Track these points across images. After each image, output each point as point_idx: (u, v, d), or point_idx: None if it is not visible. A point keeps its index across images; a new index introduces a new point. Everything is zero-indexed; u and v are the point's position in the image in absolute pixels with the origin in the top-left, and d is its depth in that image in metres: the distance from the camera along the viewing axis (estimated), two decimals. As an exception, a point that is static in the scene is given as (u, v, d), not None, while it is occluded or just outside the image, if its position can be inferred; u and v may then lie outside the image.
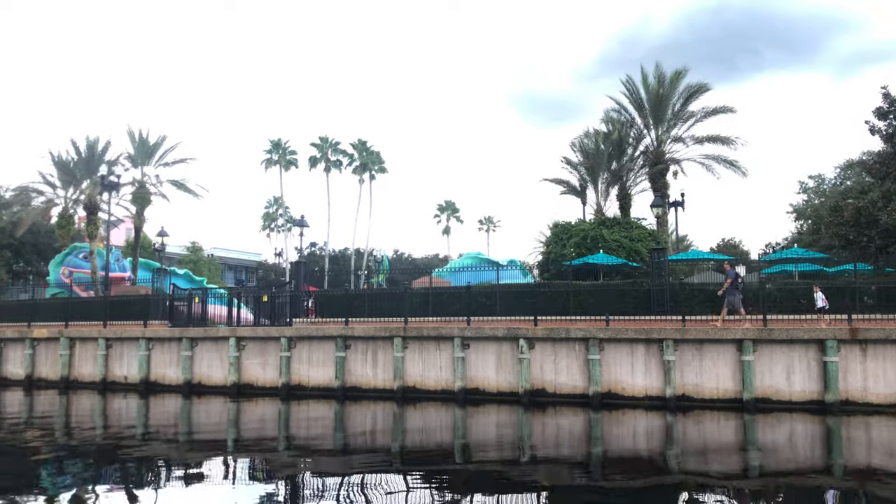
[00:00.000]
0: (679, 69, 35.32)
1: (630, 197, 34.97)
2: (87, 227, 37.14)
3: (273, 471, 13.03)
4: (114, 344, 25.08)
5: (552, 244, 30.90)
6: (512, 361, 19.99)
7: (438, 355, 20.79)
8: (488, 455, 14.32)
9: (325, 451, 14.86)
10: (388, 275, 62.96)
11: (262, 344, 22.85)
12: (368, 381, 21.49)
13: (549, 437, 16.66)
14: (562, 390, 19.54)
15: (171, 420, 19.66)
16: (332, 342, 21.86)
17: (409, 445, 15.53)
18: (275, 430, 18.03)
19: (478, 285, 28.37)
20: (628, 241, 28.70)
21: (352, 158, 63.89)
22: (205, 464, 13.71)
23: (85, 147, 37.32)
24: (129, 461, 14.04)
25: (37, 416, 21.72)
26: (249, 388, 22.80)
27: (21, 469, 13.71)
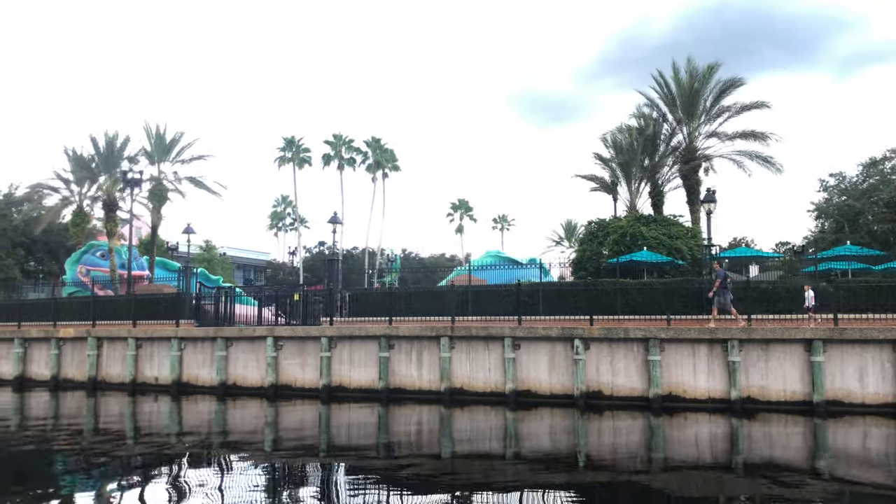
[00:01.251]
0: (712, 63, 34.55)
1: (663, 194, 34.19)
2: (107, 225, 36.37)
3: (313, 478, 12.40)
4: (143, 344, 24.31)
5: (587, 242, 30.13)
6: (566, 362, 19.24)
7: (487, 356, 20.03)
8: (542, 462, 13.52)
9: (368, 457, 14.11)
10: (399, 274, 62.30)
11: (300, 344, 22.09)
12: (413, 382, 20.74)
13: (606, 443, 15.84)
14: (619, 392, 18.80)
15: (207, 424, 18.93)
16: (375, 342, 21.10)
17: (459, 451, 14.78)
18: (315, 433, 17.31)
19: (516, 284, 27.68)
20: (667, 239, 27.95)
21: (365, 156, 63.15)
22: (244, 470, 13.07)
23: (104, 143, 36.50)
24: (164, 466, 13.43)
25: (64, 418, 20.96)
26: (287, 390, 22.04)
27: (49, 474, 13.04)
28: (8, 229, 44.68)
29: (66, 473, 13.04)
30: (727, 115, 34.23)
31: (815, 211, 57.02)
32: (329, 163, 62.85)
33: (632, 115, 36.84)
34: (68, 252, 49.09)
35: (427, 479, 12.01)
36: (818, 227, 57.21)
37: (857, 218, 47.87)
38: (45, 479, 12.61)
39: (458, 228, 72.72)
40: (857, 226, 47.33)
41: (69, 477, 12.73)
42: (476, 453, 14.54)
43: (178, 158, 42.24)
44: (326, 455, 14.32)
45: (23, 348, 26.33)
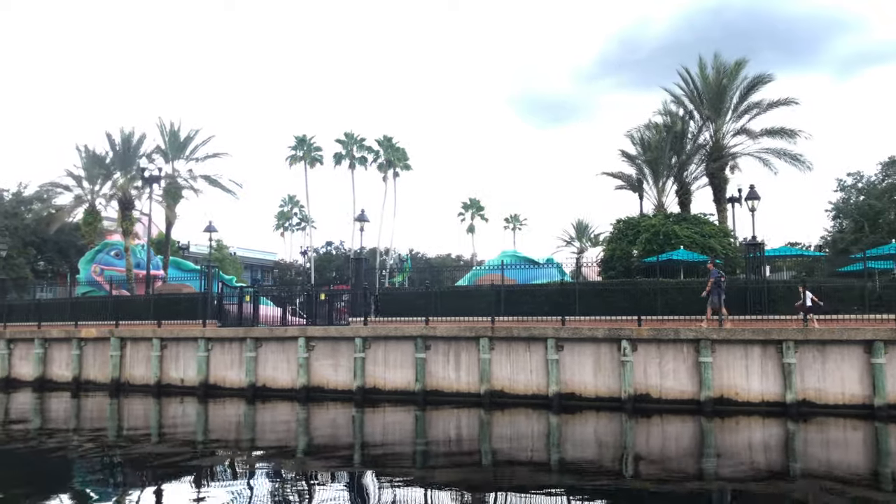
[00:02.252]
0: (739, 59, 34.04)
1: (690, 192, 33.63)
2: (122, 223, 35.72)
3: (347, 486, 11.87)
4: (168, 344, 23.68)
5: (616, 241, 29.52)
6: (612, 364, 18.62)
7: (528, 357, 19.41)
8: (589, 469, 12.92)
9: (404, 463, 13.53)
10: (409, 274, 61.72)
11: (333, 344, 21.46)
12: (451, 384, 20.12)
13: (655, 448, 15.25)
14: (668, 395, 18.17)
15: (236, 427, 18.34)
16: (411, 342, 20.49)
17: (500, 457, 14.16)
18: (349, 437, 16.71)
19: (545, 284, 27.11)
20: (700, 238, 27.36)
21: (377, 155, 62.53)
22: (275, 477, 12.52)
23: (120, 140, 35.87)
24: (191, 473, 12.90)
25: (87, 420, 20.35)
26: (319, 392, 21.42)
27: (70, 480, 12.51)
28: (19, 228, 44.03)
29: (89, 480, 12.50)
30: (755, 111, 33.68)
31: (834, 210, 56.42)
32: (340, 162, 62.23)
33: (655, 112, 36.35)
34: (79, 251, 48.43)
35: (468, 487, 11.48)
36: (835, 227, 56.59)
37: (878, 217, 47.24)
38: (66, 486, 12.14)
39: (469, 228, 72.07)
40: (877, 225, 46.70)
41: (91, 484, 12.18)
42: (518, 460, 13.95)
43: (192, 156, 41.70)
44: (361, 461, 13.78)
45: (43, 349, 25.70)
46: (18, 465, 14.06)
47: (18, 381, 26.19)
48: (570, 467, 13.20)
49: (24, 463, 14.22)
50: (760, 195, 24.96)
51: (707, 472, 12.80)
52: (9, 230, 42.84)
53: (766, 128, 32.89)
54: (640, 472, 12.79)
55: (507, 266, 32.07)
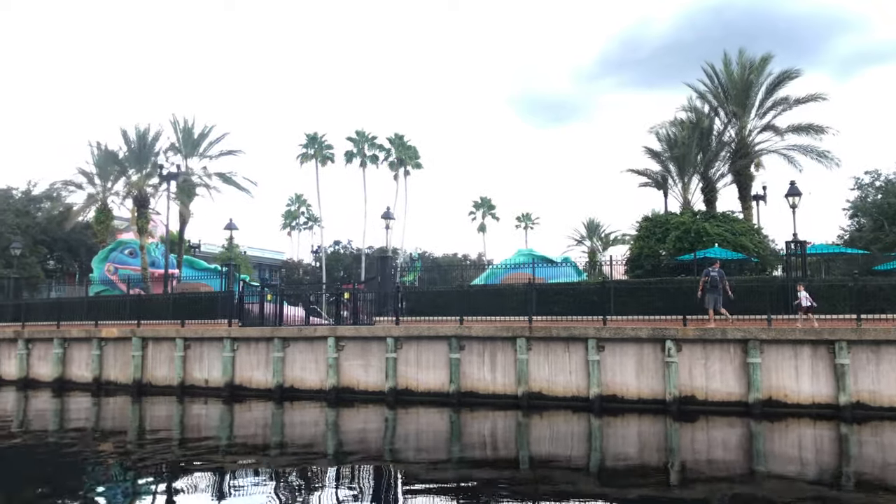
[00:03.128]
0: (765, 54, 33.40)
1: (716, 190, 33.01)
2: (138, 221, 35.18)
3: (380, 491, 11.42)
4: (192, 344, 23.16)
5: (643, 239, 28.93)
6: (655, 365, 18.07)
7: (568, 358, 18.86)
8: (633, 475, 12.32)
9: (439, 468, 12.92)
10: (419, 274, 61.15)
11: (363, 344, 20.92)
12: (486, 385, 19.57)
13: (701, 451, 14.71)
14: (714, 397, 17.61)
15: (263, 429, 17.85)
16: (445, 342, 19.95)
17: (539, 461, 13.64)
18: (381, 440, 16.22)
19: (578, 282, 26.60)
20: (731, 236, 26.77)
21: (388, 153, 62.01)
22: (305, 481, 12.01)
23: (135, 137, 35.33)
24: (219, 476, 12.45)
25: (108, 420, 19.90)
26: (349, 393, 20.88)
27: (91, 486, 12.04)
28: (31, 227, 43.55)
29: (111, 487, 11.93)
30: (781, 107, 33.07)
31: (852, 208, 55.85)
32: (351, 160, 61.68)
33: (679, 109, 35.69)
34: (89, 250, 47.93)
35: (506, 494, 11.01)
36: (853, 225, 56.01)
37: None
38: (87, 492, 11.66)
39: (480, 227, 71.50)
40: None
41: (114, 491, 11.62)
42: (558, 465, 13.41)
43: (206, 154, 41.17)
44: (394, 465, 13.25)
45: (62, 349, 25.19)
46: (36, 468, 13.57)
47: (37, 382, 25.69)
48: (613, 473, 12.65)
49: (42, 465, 13.74)
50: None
51: (758, 477, 12.24)
52: (20, 228, 42.36)
53: (793, 124, 32.23)
54: (686, 478, 12.23)
55: (524, 265, 31.56)
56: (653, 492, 11.22)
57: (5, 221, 41.76)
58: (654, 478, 12.25)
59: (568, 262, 40.67)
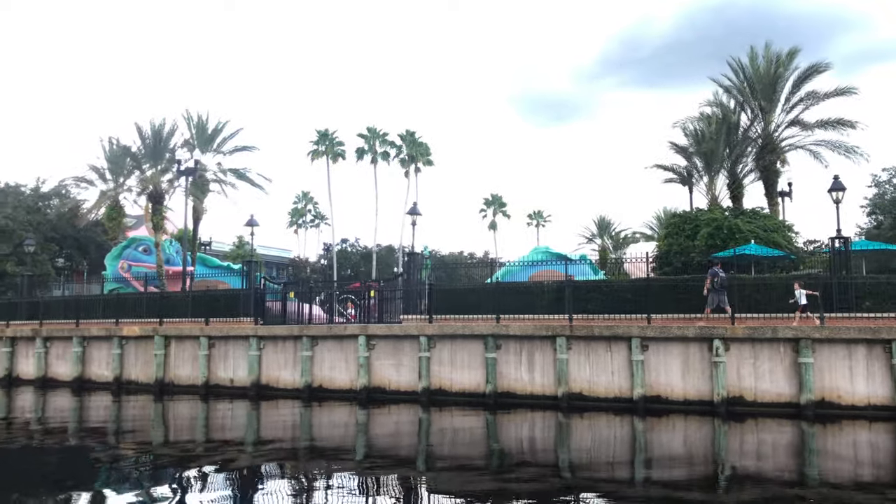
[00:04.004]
0: (793, 48, 32.76)
1: (742, 186, 32.40)
2: (153, 218, 34.59)
3: (414, 499, 10.81)
4: (217, 343, 22.59)
5: (673, 236, 28.30)
6: (701, 365, 17.48)
7: (609, 358, 18.28)
8: (681, 482, 11.66)
9: (475, 472, 12.32)
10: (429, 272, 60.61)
11: (395, 343, 20.35)
12: (524, 386, 18.99)
13: (751, 456, 14.03)
14: (763, 398, 17.02)
15: (291, 431, 17.33)
16: (480, 341, 19.37)
17: (581, 467, 13.05)
18: (413, 443, 15.66)
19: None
20: (763, 232, 26.17)
21: (399, 150, 61.36)
22: (335, 486, 11.41)
23: (150, 132, 34.69)
24: (248, 480, 11.90)
25: (129, 421, 19.32)
26: (380, 393, 20.32)
27: (113, 491, 11.44)
28: (42, 223, 43.01)
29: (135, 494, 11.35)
30: (809, 102, 32.43)
31: (870, 205, 55.25)
32: (362, 156, 61.04)
33: (703, 104, 35.12)
34: (98, 247, 47.38)
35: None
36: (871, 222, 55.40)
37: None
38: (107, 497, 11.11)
39: (490, 224, 70.82)
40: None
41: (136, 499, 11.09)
42: (601, 468, 12.82)
43: (220, 149, 40.45)
44: (428, 469, 12.67)
45: (81, 347, 24.63)
46: (55, 470, 13.11)
47: (55, 381, 25.16)
48: (660, 478, 12.00)
49: (65, 466, 13.32)
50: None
51: (812, 483, 11.66)
52: (31, 225, 41.82)
53: (822, 118, 31.59)
54: (738, 484, 11.68)
55: (540, 262, 30.98)
56: (704, 496, 10.70)
57: (16, 218, 41.22)
58: (703, 484, 11.68)
59: (585, 259, 40.11)
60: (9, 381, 25.86)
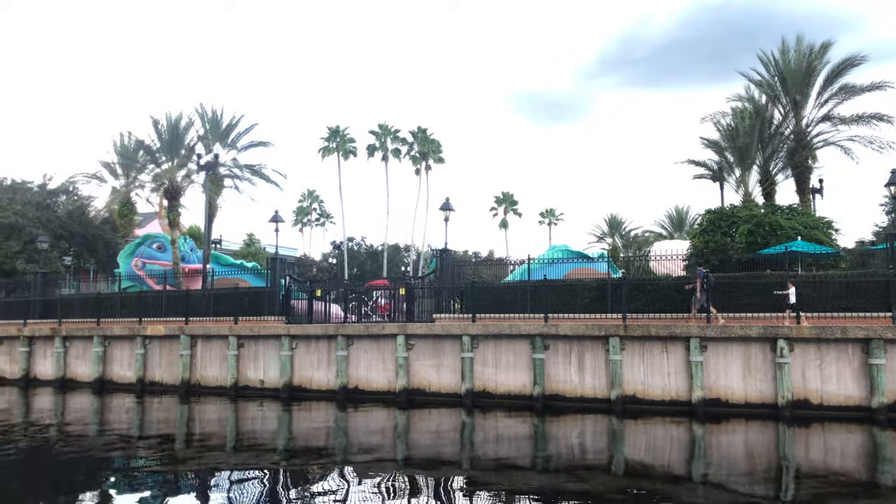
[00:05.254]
0: (825, 41, 32.05)
1: (775, 182, 31.63)
2: (169, 214, 33.73)
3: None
4: (246, 343, 21.72)
5: (709, 232, 27.46)
6: (764, 366, 16.67)
7: (665, 359, 17.47)
8: (741, 490, 10.93)
9: (524, 481, 11.53)
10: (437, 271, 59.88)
11: (435, 343, 19.53)
12: (573, 388, 18.18)
13: (818, 463, 13.38)
14: (830, 401, 16.23)
15: (326, 436, 16.48)
16: (526, 342, 18.55)
17: (637, 475, 12.24)
18: (457, 447, 14.92)
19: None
20: (804, 229, 25.36)
21: (411, 147, 60.50)
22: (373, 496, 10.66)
23: (166, 125, 33.77)
24: (281, 488, 11.30)
25: (156, 424, 18.46)
26: (420, 395, 19.50)
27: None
28: (51, 221, 42.10)
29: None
30: (842, 96, 31.68)
31: (891, 203, 54.50)
32: (373, 153, 60.18)
33: (732, 99, 34.41)
34: (106, 245, 46.50)
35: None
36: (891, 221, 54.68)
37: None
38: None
39: (501, 223, 69.96)
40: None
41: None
42: (663, 478, 11.97)
43: (234, 145, 39.58)
44: (471, 477, 11.84)
45: (102, 347, 23.74)
46: (74, 473, 12.46)
47: (75, 382, 24.29)
48: (723, 488, 11.23)
49: (89, 471, 12.67)
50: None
51: (885, 492, 10.94)
52: (41, 222, 40.93)
53: (857, 113, 30.84)
54: (804, 494, 10.91)
55: (558, 260, 30.15)
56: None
57: (26, 215, 40.33)
58: (767, 494, 10.90)
59: (604, 257, 39.37)
60: (26, 381, 24.98)
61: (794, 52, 32.63)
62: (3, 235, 38.99)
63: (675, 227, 68.98)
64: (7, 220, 38.93)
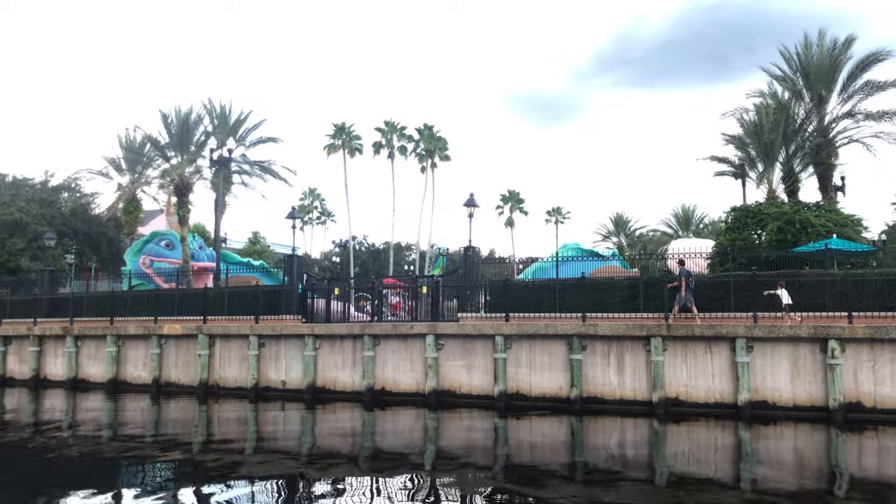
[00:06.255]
0: (849, 35, 31.59)
1: (799, 179, 31.09)
2: (179, 211, 33.00)
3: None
4: (267, 342, 21.02)
5: (736, 230, 26.91)
6: (813, 368, 16.06)
7: (709, 360, 16.84)
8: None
9: (559, 488, 10.88)
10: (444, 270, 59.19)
11: (465, 343, 18.86)
12: (612, 390, 17.53)
13: (871, 469, 12.77)
14: (884, 405, 15.61)
15: (352, 438, 15.81)
16: (563, 342, 17.90)
17: (680, 478, 11.68)
18: (489, 451, 14.26)
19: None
20: (834, 226, 24.81)
21: (417, 144, 59.80)
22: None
23: (175, 120, 32.98)
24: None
25: (176, 426, 17.72)
26: (450, 397, 18.83)
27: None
28: (56, 217, 41.28)
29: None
30: (868, 91, 31.16)
31: (904, 201, 54.12)
32: (379, 151, 59.46)
33: (749, 95, 33.88)
34: (110, 243, 45.68)
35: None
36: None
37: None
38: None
39: (507, 221, 69.29)
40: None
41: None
42: (707, 484, 11.36)
43: (242, 140, 38.81)
44: (503, 491, 11.03)
45: (116, 347, 22.99)
46: (90, 476, 11.84)
47: (87, 383, 23.52)
48: (775, 495, 10.61)
49: (99, 475, 12.03)
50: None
51: None
52: (45, 219, 40.12)
53: (883, 109, 30.34)
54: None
55: (570, 259, 29.60)
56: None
57: (30, 212, 39.49)
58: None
59: (616, 255, 38.90)
60: (36, 382, 24.22)
61: (816, 48, 32.10)
62: (6, 232, 38.16)
63: (682, 226, 68.43)
64: (11, 217, 38.12)
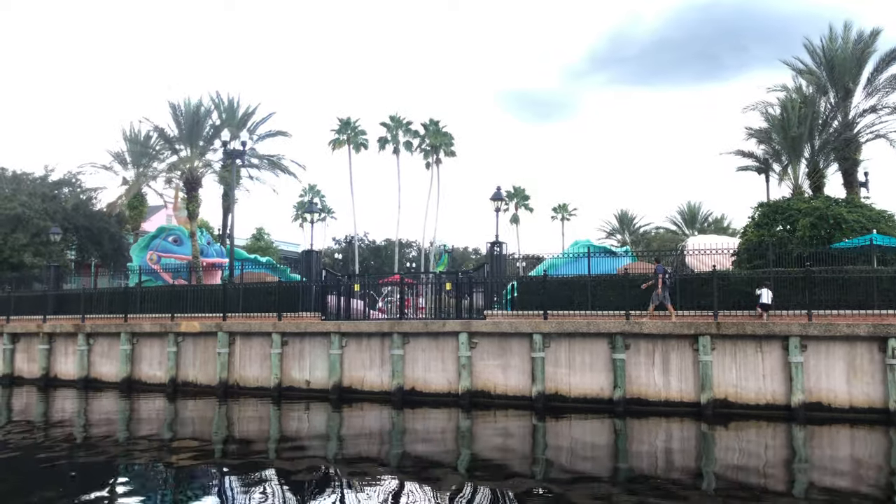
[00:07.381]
0: (875, 28, 30.97)
1: (824, 174, 30.48)
2: (188, 205, 32.02)
3: None
4: (290, 340, 20.23)
5: (763, 226, 26.25)
6: (870, 367, 15.41)
7: (760, 359, 16.16)
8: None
9: (603, 495, 10.19)
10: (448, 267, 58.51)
11: (500, 341, 18.13)
12: (657, 391, 16.83)
13: None
14: (946, 405, 14.98)
15: (380, 441, 15.05)
16: (604, 340, 17.20)
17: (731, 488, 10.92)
18: (527, 455, 13.66)
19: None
20: (867, 222, 24.20)
21: (422, 139, 58.95)
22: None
23: (184, 111, 32.03)
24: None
25: (195, 426, 16.96)
26: (485, 397, 18.11)
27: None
28: (57, 212, 40.27)
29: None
30: (893, 85, 30.58)
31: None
32: (384, 146, 58.57)
33: (771, 89, 33.29)
34: (112, 239, 44.68)
35: None
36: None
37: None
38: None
39: (512, 218, 68.56)
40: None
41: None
42: (761, 491, 10.62)
43: (251, 134, 37.96)
44: (543, 498, 10.39)
45: (130, 345, 22.15)
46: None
47: (100, 382, 22.69)
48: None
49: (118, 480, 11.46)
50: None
51: None
52: (48, 213, 39.12)
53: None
54: None
55: (583, 255, 28.96)
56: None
57: (32, 206, 38.49)
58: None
59: (628, 253, 38.27)
60: (46, 381, 23.36)
61: (841, 41, 31.52)
62: (8, 227, 37.15)
63: (688, 223, 67.90)
64: (13, 212, 37.11)
